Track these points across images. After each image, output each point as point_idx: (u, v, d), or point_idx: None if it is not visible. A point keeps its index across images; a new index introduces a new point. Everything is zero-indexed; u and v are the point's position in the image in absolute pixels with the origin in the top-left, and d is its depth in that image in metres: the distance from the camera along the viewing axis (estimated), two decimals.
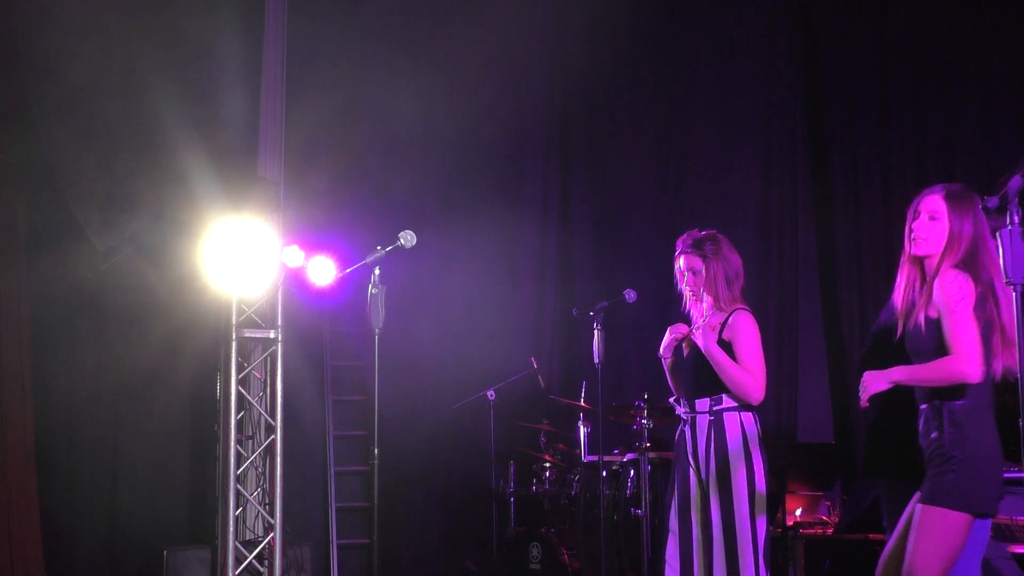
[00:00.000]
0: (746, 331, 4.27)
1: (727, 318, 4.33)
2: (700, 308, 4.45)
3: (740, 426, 4.24)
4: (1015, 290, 2.72)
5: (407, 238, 4.46)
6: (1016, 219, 2.71)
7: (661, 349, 4.47)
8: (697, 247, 4.39)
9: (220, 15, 6.37)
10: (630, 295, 4.82)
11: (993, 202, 2.77)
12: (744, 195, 7.39)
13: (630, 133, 7.65)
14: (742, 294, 4.38)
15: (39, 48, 6.05)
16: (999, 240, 2.73)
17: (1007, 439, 3.25)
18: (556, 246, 7.70)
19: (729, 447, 4.19)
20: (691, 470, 4.28)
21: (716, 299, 4.36)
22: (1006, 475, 4.52)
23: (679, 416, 4.42)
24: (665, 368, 4.47)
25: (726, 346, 4.27)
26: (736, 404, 4.24)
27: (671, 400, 4.55)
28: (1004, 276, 2.73)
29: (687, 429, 4.33)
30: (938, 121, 6.86)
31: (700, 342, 4.27)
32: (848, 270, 7.02)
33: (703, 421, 4.29)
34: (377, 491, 4.48)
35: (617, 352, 6.46)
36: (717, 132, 7.51)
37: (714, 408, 4.27)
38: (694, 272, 4.39)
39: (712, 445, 4.22)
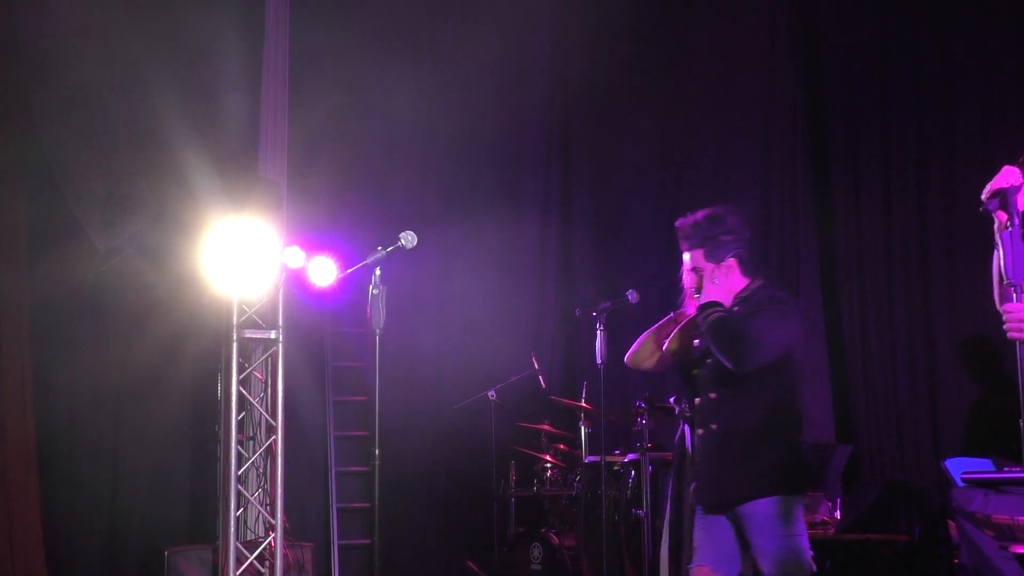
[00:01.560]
0: None
1: None
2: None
3: None
4: (1015, 292, 2.72)
5: (408, 238, 4.46)
6: (1016, 220, 2.70)
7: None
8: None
9: (221, 14, 6.37)
10: (632, 296, 4.82)
11: (994, 204, 2.77)
12: (744, 195, 7.38)
13: (631, 133, 7.65)
14: None
15: (39, 48, 6.05)
16: (999, 241, 2.72)
17: (1009, 439, 3.24)
18: (557, 246, 7.70)
19: None
20: (673, 470, 4.29)
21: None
22: (1007, 474, 4.54)
23: (680, 416, 4.43)
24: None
25: None
26: None
27: (671, 400, 4.55)
28: (1004, 278, 2.72)
29: (686, 428, 4.33)
30: (938, 121, 6.85)
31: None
32: (848, 270, 7.02)
33: None
34: (378, 491, 4.47)
35: (618, 352, 6.46)
36: (717, 132, 7.51)
37: None
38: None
39: None
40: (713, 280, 3.78)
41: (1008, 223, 2.70)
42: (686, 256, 3.81)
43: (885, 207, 6.94)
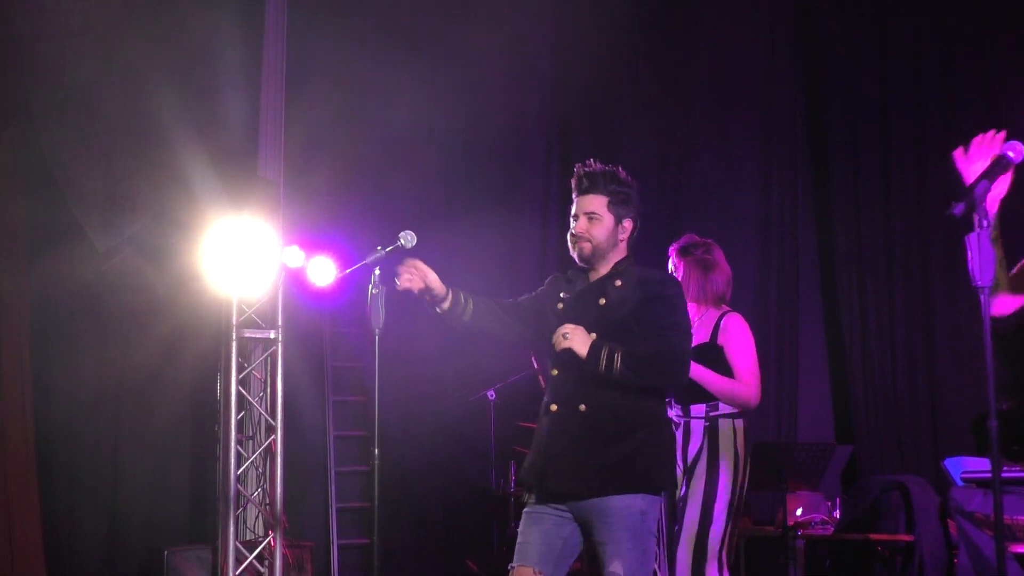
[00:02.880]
0: (739, 337, 4.27)
1: (719, 319, 4.32)
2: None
3: (732, 432, 4.25)
4: (982, 293, 2.75)
5: (407, 238, 4.45)
6: (984, 223, 2.74)
7: None
8: (683, 252, 4.44)
9: (220, 14, 6.37)
10: None
11: (959, 208, 2.81)
12: (744, 195, 7.39)
13: (630, 133, 7.65)
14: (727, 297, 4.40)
15: (39, 48, 6.05)
16: (967, 244, 2.75)
17: (1008, 439, 3.23)
18: (556, 246, 7.69)
19: (720, 453, 4.20)
20: (680, 472, 4.27)
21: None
22: (1006, 474, 4.53)
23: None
24: None
25: (718, 350, 4.26)
26: (731, 411, 4.25)
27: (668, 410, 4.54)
28: (972, 279, 2.76)
29: (679, 433, 4.30)
30: (938, 121, 6.86)
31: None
32: (848, 270, 7.02)
33: (698, 427, 4.27)
34: (377, 491, 4.47)
35: None
36: (717, 132, 7.51)
37: (710, 414, 4.26)
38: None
39: (705, 451, 4.22)
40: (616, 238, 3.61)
41: (977, 225, 2.74)
42: (581, 200, 3.61)
43: (885, 207, 6.95)
